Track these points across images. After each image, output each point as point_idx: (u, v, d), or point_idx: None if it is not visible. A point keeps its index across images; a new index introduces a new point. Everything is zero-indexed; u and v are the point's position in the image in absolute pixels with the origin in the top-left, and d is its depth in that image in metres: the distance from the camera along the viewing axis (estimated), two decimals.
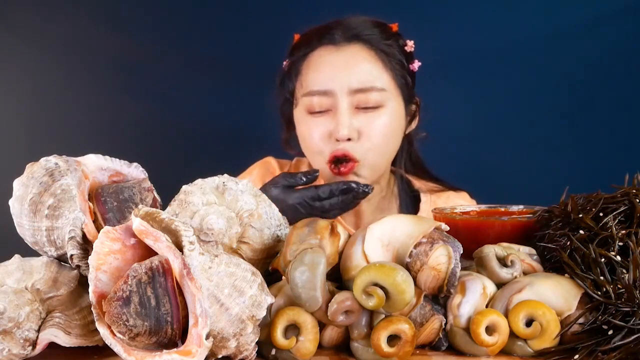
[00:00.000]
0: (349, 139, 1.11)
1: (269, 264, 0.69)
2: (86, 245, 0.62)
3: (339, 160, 1.12)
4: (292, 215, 1.03)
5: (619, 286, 0.61)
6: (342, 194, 1.05)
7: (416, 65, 1.21)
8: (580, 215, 0.67)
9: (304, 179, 1.06)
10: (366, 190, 1.04)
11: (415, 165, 1.30)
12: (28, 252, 0.64)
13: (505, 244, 0.69)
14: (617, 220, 0.66)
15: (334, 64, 1.13)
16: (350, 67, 1.12)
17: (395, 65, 1.16)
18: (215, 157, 1.51)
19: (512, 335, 0.60)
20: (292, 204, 1.03)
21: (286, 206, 1.03)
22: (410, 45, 1.20)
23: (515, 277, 0.64)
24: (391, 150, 1.18)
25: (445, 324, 0.62)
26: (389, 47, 1.16)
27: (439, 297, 0.62)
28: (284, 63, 1.24)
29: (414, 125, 1.24)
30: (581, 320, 0.60)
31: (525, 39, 1.83)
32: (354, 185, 1.04)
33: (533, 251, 0.70)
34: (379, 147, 1.14)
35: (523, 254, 0.68)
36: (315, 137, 1.14)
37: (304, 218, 1.04)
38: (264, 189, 1.07)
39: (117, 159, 0.70)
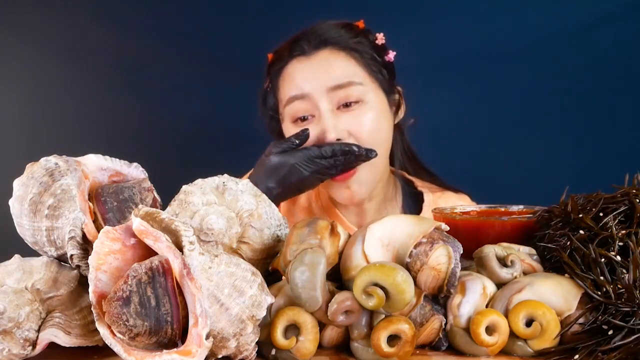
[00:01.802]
0: (338, 140, 1.10)
1: (269, 264, 0.69)
2: (86, 245, 0.62)
3: None
4: (297, 176, 1.05)
5: (619, 286, 0.61)
6: (344, 155, 1.06)
7: (391, 55, 1.21)
8: (580, 215, 0.67)
9: (297, 141, 1.07)
10: (370, 155, 1.07)
11: (409, 157, 1.30)
12: (28, 252, 0.64)
13: (505, 244, 0.69)
14: (617, 220, 0.66)
15: (307, 69, 1.14)
16: (323, 69, 1.13)
17: (369, 61, 1.16)
18: (215, 157, 1.51)
19: (512, 335, 0.60)
20: (294, 164, 1.04)
21: (290, 167, 1.04)
22: (380, 38, 1.20)
23: (515, 277, 0.64)
24: (384, 143, 1.18)
25: (445, 324, 0.62)
26: (358, 44, 1.16)
27: (439, 297, 0.62)
28: (265, 84, 1.24)
29: (401, 114, 1.25)
30: (581, 320, 0.60)
31: (527, 39, 1.84)
32: (355, 148, 1.06)
33: (533, 251, 0.70)
34: (372, 141, 1.13)
35: (523, 254, 0.68)
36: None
37: (307, 178, 1.06)
38: (261, 162, 1.07)
39: (117, 159, 0.70)
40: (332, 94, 1.12)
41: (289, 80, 1.15)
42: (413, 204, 1.29)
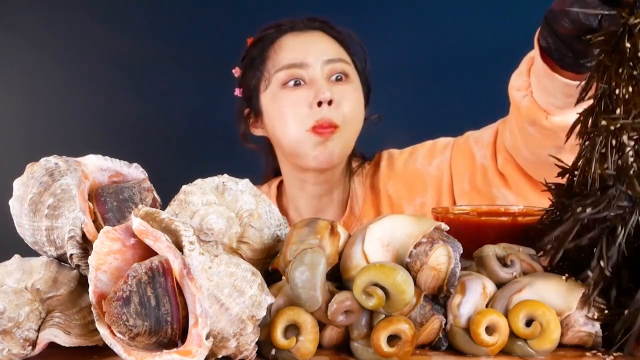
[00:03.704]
0: (330, 102, 1.17)
1: (269, 264, 0.69)
2: (86, 245, 0.62)
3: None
4: None
5: None
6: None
7: None
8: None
9: None
10: None
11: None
12: (28, 252, 0.64)
13: (505, 244, 0.69)
14: None
15: (304, 42, 1.24)
16: (319, 44, 1.24)
17: (349, 49, 1.27)
18: (215, 157, 1.51)
19: (512, 335, 0.60)
20: None
21: None
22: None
23: (515, 277, 0.64)
24: (358, 124, 1.25)
25: (445, 324, 0.62)
26: (339, 35, 1.27)
27: (439, 297, 0.62)
28: (244, 61, 1.30)
29: (367, 110, 1.31)
30: (582, 319, 0.60)
31: (525, 40, 1.83)
32: None
33: (533, 251, 0.70)
34: (354, 117, 1.22)
35: (523, 254, 0.68)
36: (295, 106, 1.19)
37: None
38: None
39: (117, 160, 0.70)
40: (326, 66, 1.21)
41: (286, 49, 1.23)
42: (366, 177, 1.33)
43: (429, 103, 1.80)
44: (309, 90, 1.19)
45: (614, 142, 0.58)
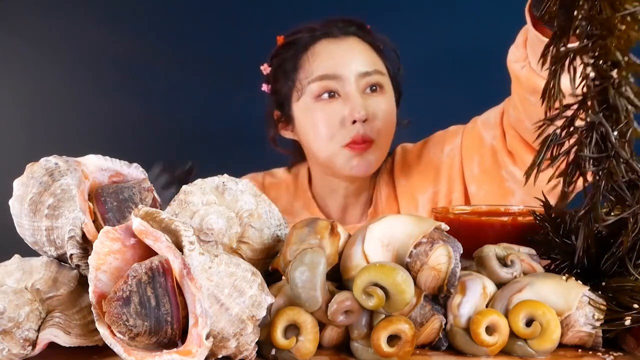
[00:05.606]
0: (365, 120, 1.18)
1: (269, 264, 0.69)
2: (86, 245, 0.62)
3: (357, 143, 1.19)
4: None
5: None
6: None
7: None
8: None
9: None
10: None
11: None
12: (28, 252, 0.64)
13: (505, 244, 0.69)
14: None
15: (339, 51, 1.21)
16: (354, 54, 1.22)
17: (383, 57, 1.26)
18: (215, 157, 1.51)
19: (512, 335, 0.60)
20: None
21: None
22: (380, 42, 1.30)
23: (515, 277, 0.64)
24: (392, 134, 1.26)
25: (445, 324, 0.62)
26: (375, 40, 1.26)
27: (439, 297, 0.62)
28: (274, 60, 1.28)
29: (397, 114, 1.31)
30: (582, 319, 0.60)
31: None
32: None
33: (533, 251, 0.70)
34: (388, 129, 1.23)
35: (523, 254, 0.68)
36: (329, 122, 1.19)
37: None
38: None
39: (117, 160, 0.70)
40: (361, 80, 1.20)
41: (320, 58, 1.21)
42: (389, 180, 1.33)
43: (429, 103, 1.79)
44: (343, 105, 1.19)
45: (577, 61, 0.60)
